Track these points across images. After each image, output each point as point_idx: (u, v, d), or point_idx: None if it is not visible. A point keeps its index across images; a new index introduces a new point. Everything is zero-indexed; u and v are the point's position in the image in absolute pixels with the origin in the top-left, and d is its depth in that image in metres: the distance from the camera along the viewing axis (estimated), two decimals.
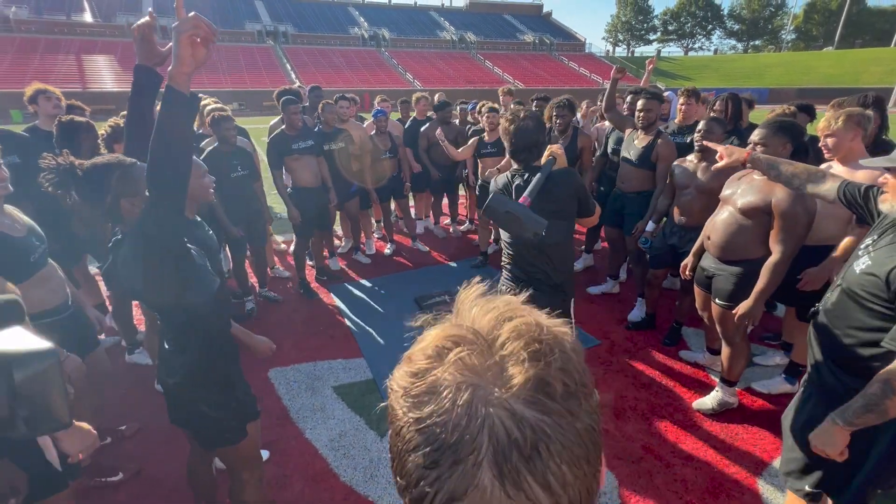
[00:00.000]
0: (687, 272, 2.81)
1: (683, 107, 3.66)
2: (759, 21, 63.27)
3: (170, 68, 1.17)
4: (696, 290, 2.77)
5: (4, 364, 0.43)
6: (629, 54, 63.86)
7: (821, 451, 1.43)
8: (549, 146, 2.10)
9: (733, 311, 2.39)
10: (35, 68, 27.16)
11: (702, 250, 2.68)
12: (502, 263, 2.30)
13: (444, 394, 0.34)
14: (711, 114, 3.52)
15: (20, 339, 0.46)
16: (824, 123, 2.31)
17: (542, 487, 0.32)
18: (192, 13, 1.17)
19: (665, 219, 3.35)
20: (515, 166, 2.13)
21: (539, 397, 0.34)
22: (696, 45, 68.81)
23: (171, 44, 1.18)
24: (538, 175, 1.94)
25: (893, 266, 1.32)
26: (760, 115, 3.46)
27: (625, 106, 4.14)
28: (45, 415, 0.45)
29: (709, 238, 2.54)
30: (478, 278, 0.45)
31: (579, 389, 0.36)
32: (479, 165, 4.67)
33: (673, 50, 66.80)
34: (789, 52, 54.35)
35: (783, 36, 62.98)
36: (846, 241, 2.37)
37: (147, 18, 1.41)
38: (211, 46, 1.18)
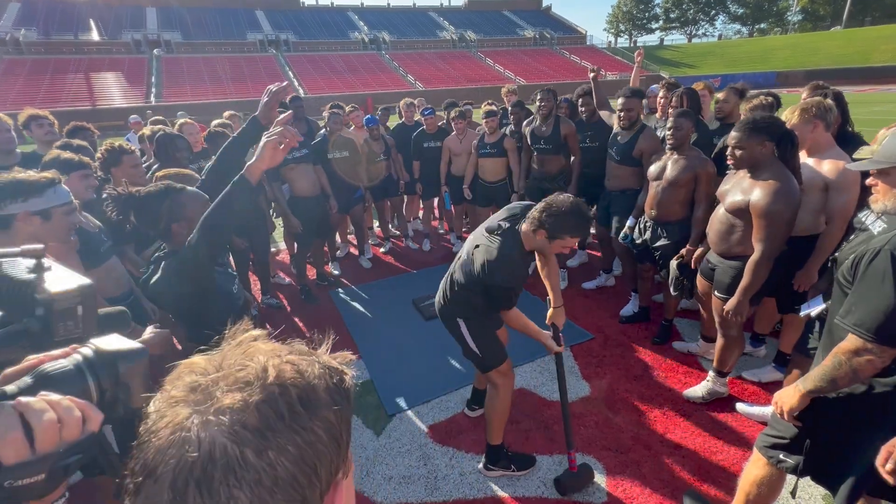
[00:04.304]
0: (693, 264, 2.85)
1: (662, 101, 3.70)
2: (763, 4, 62.15)
3: (249, 162, 1.48)
4: (700, 279, 2.81)
5: (112, 359, 0.56)
6: (632, 44, 63.22)
7: (777, 407, 1.55)
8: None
9: (723, 307, 2.43)
10: (46, 88, 27.87)
11: None
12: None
13: (160, 415, 0.38)
14: (670, 110, 3.53)
15: (121, 341, 0.59)
16: (786, 115, 2.35)
17: None
18: (284, 127, 1.48)
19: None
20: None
21: (233, 426, 0.36)
22: (700, 32, 67.95)
23: (285, 114, 1.56)
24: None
25: (866, 250, 1.37)
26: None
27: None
28: (135, 398, 0.59)
29: (708, 234, 2.58)
30: (249, 324, 0.50)
31: (286, 424, 0.38)
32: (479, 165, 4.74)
33: (676, 38, 66.03)
34: (796, 34, 53.31)
35: (789, 17, 61.78)
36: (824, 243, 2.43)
37: (285, 85, 1.83)
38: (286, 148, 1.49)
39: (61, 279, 0.65)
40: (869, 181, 1.50)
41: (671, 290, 3.07)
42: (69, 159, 2.25)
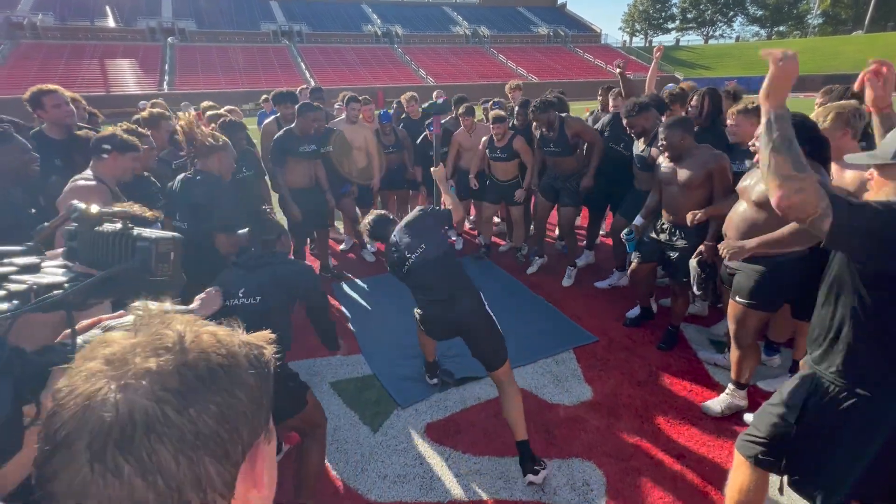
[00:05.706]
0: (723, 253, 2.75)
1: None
2: (783, 6, 60.99)
3: None
4: (724, 287, 2.73)
5: (153, 240, 0.72)
6: (647, 44, 62.44)
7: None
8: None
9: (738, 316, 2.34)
10: (61, 73, 28.08)
11: None
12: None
13: (71, 388, 0.37)
14: (689, 109, 3.46)
15: (158, 232, 0.75)
16: (817, 116, 2.25)
17: (132, 467, 0.34)
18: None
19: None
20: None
21: (153, 387, 0.36)
22: (717, 33, 66.92)
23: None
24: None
25: None
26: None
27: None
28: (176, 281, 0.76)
29: (727, 236, 2.47)
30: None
31: (207, 387, 0.39)
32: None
33: (693, 38, 65.06)
34: (816, 38, 52.28)
35: (809, 20, 60.65)
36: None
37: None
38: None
39: (156, 231, 0.78)
40: (867, 174, 1.47)
41: (695, 289, 2.96)
42: (128, 140, 2.38)
